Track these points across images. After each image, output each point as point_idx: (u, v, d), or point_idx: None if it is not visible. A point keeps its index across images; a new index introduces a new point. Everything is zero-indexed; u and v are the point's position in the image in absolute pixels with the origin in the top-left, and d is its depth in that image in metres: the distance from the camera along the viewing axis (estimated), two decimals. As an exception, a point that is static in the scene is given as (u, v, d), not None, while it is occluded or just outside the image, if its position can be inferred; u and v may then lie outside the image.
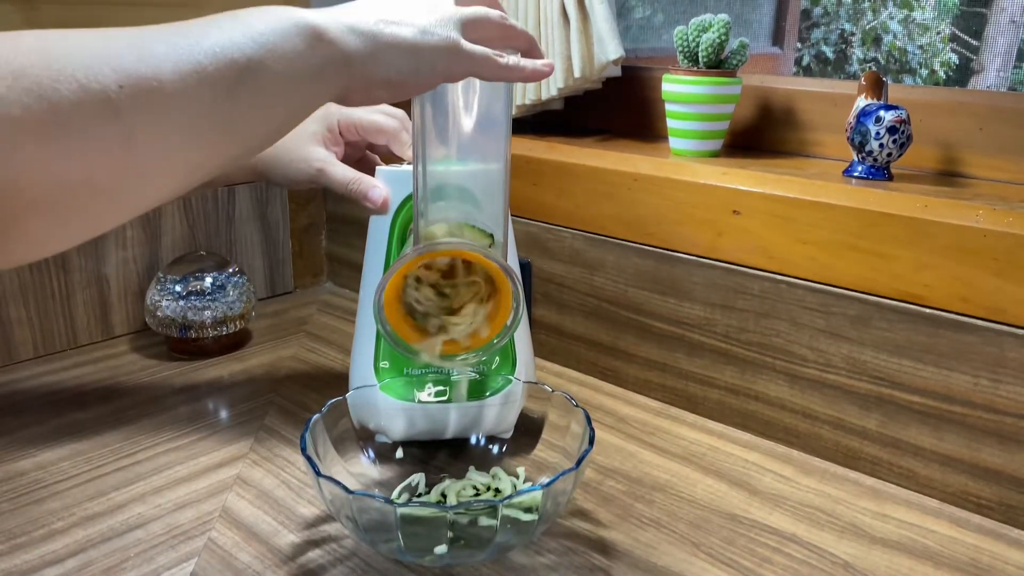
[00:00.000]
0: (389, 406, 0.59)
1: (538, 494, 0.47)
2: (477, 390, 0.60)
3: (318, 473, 0.48)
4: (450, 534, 0.47)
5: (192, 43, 0.34)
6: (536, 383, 0.59)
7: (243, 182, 0.66)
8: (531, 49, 0.50)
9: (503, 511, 0.47)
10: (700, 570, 0.51)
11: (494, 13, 0.47)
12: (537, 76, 0.48)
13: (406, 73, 0.42)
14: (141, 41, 0.33)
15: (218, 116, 0.35)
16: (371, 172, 0.62)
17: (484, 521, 0.48)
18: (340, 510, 0.48)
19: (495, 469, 0.58)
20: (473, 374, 0.60)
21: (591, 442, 0.52)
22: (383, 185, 0.61)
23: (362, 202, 0.60)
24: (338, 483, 0.46)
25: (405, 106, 0.61)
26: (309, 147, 0.62)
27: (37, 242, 0.33)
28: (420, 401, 0.59)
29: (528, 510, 0.49)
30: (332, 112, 0.64)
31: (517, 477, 0.57)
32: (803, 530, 0.55)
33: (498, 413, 0.60)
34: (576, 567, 0.51)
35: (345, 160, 0.64)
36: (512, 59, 0.47)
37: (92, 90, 0.30)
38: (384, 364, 0.60)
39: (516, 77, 0.47)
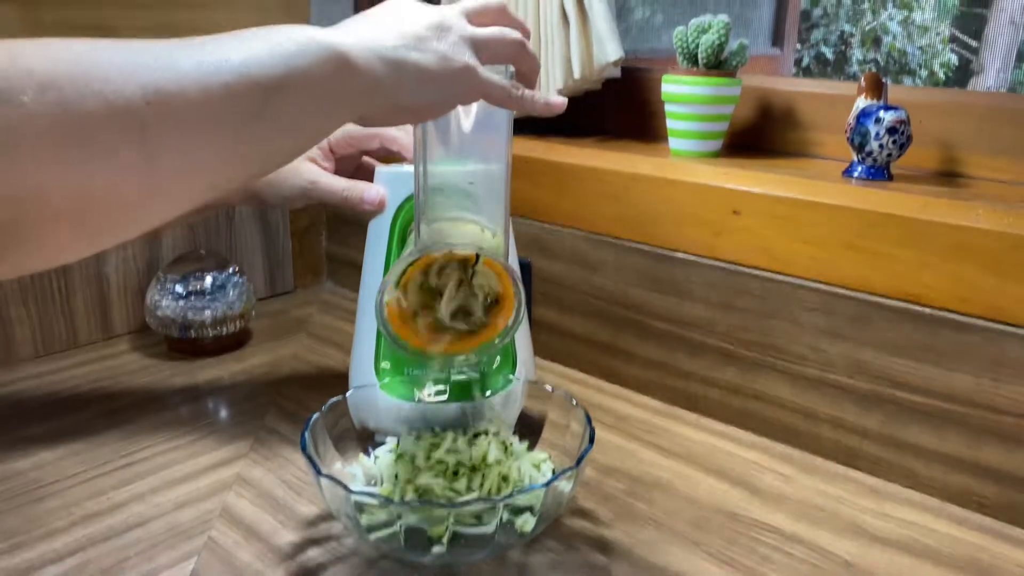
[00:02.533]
0: (389, 405, 0.59)
1: (539, 492, 0.47)
2: (477, 389, 0.60)
3: (318, 472, 0.48)
4: (450, 534, 0.47)
5: (220, 61, 0.34)
6: (536, 382, 0.59)
7: (238, 204, 0.67)
8: (530, 72, 0.50)
9: (503, 511, 0.47)
10: (700, 569, 0.51)
11: (510, 34, 0.47)
12: (549, 111, 0.49)
13: (429, 100, 0.43)
14: (168, 57, 0.33)
15: (242, 135, 0.35)
16: (371, 178, 0.62)
17: (484, 519, 0.48)
18: (340, 509, 0.48)
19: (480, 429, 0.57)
20: (474, 374, 0.60)
21: (591, 441, 0.52)
22: (377, 185, 0.61)
23: (359, 207, 0.61)
24: (338, 482, 0.46)
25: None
26: (299, 165, 0.63)
27: (58, 249, 0.33)
28: (420, 401, 0.59)
29: (528, 509, 0.49)
30: None
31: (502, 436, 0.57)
32: (804, 529, 0.55)
33: (498, 412, 0.60)
34: (576, 566, 0.51)
35: (340, 173, 0.65)
36: (526, 92, 0.48)
37: (118, 106, 0.30)
38: (385, 364, 0.60)
39: (528, 109, 0.48)
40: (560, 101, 0.49)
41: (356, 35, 0.40)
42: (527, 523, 0.49)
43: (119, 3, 0.80)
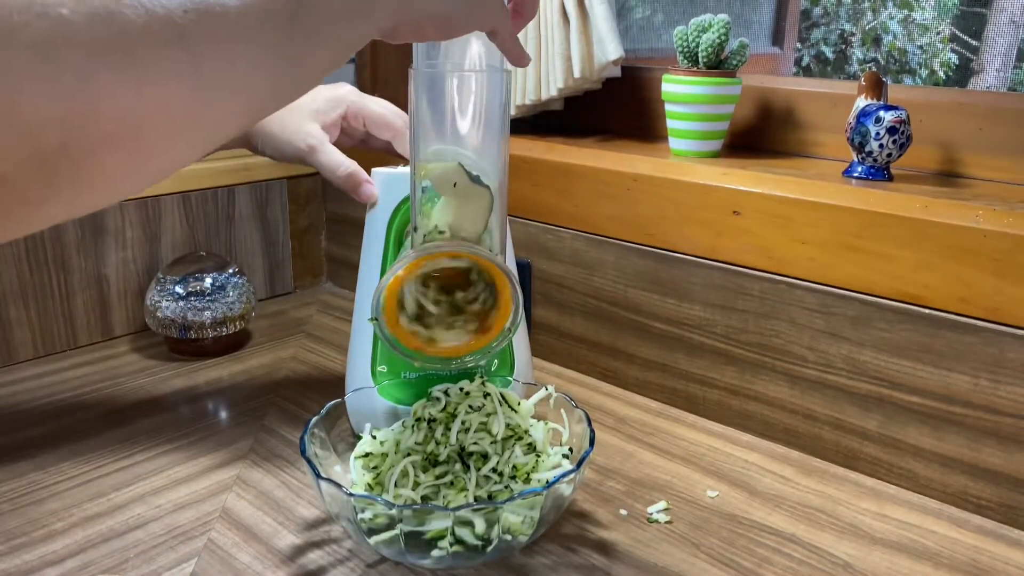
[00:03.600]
0: (387, 409, 0.59)
1: (540, 496, 0.47)
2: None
3: (318, 475, 0.48)
4: (451, 538, 0.47)
5: None
6: (535, 384, 0.59)
7: (233, 147, 0.65)
8: (532, 10, 0.50)
9: (504, 512, 0.47)
10: (700, 570, 0.51)
11: None
12: (520, 61, 0.49)
13: (457, 11, 0.42)
14: None
15: (278, 44, 0.35)
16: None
17: (486, 520, 0.48)
18: (340, 512, 0.48)
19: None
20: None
21: (591, 443, 0.52)
22: (374, 187, 0.60)
23: (350, 194, 0.60)
24: (338, 485, 0.46)
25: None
26: (306, 123, 0.62)
27: (112, 181, 0.32)
28: None
29: (529, 510, 0.49)
30: (343, 96, 0.64)
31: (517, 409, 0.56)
32: (803, 530, 0.55)
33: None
34: (576, 567, 0.51)
35: (337, 146, 0.64)
36: (517, 40, 0.47)
37: (158, 15, 0.30)
38: (381, 368, 0.60)
39: (513, 50, 0.48)
40: (528, 58, 0.49)
41: None
42: (527, 526, 0.49)
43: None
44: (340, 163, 0.61)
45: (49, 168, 0.29)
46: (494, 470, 0.51)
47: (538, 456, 0.53)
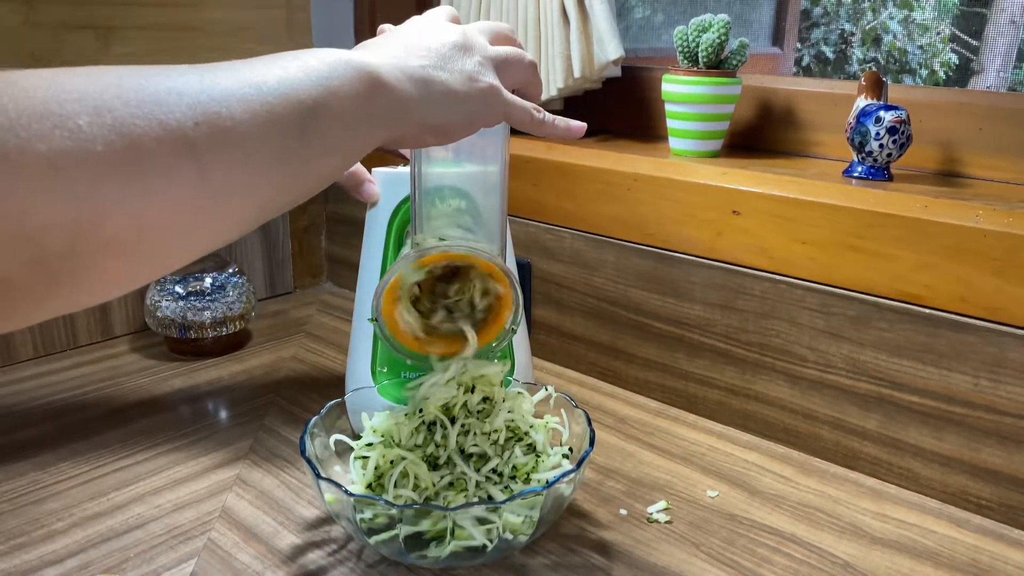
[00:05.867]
0: (387, 409, 0.59)
1: (539, 496, 0.47)
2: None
3: (318, 475, 0.48)
4: (451, 539, 0.47)
5: (259, 83, 0.34)
6: (535, 384, 0.59)
7: None
8: (536, 97, 0.51)
9: (504, 512, 0.47)
10: (700, 570, 0.51)
11: (527, 56, 0.48)
12: (569, 135, 0.50)
13: (456, 119, 0.43)
14: (212, 79, 0.33)
15: (286, 155, 0.35)
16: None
17: (485, 521, 0.48)
18: (340, 512, 0.48)
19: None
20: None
21: (591, 443, 0.52)
22: (376, 186, 0.61)
23: (352, 193, 0.61)
24: (338, 485, 0.46)
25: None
26: None
27: (111, 282, 0.32)
28: None
29: (529, 511, 0.49)
30: None
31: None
32: (803, 530, 0.55)
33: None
34: (576, 567, 0.51)
35: None
36: (547, 116, 0.48)
37: (170, 127, 0.31)
38: (382, 368, 0.60)
39: (548, 132, 0.49)
40: (580, 125, 0.50)
41: (383, 55, 0.41)
42: (527, 526, 0.49)
43: (118, 1, 0.80)
44: None
45: (51, 271, 0.29)
46: (494, 471, 0.51)
47: (538, 456, 0.53)
